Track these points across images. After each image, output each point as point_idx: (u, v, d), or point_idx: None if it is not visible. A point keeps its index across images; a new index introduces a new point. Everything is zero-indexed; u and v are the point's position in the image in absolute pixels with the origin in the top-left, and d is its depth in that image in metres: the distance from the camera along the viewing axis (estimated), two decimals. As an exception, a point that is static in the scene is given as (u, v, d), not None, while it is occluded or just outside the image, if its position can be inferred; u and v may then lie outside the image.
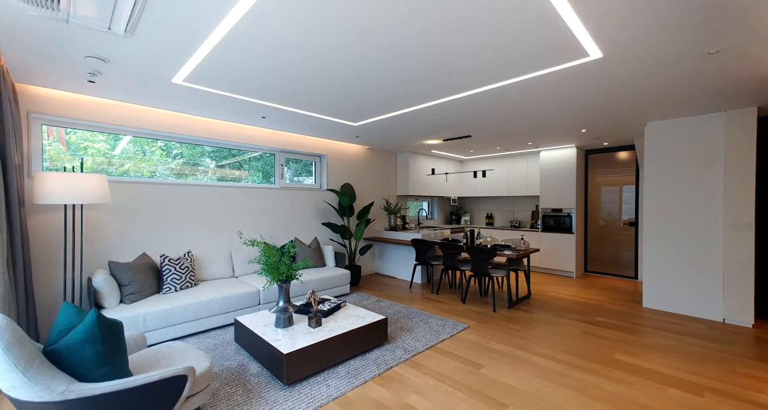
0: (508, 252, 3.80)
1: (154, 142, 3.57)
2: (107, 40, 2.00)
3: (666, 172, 3.78)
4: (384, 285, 4.88)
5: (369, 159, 5.68)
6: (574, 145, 5.35)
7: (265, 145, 4.31)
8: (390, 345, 2.75)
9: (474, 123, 3.89)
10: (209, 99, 3.05)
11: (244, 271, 3.87)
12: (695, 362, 2.53)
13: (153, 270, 3.10)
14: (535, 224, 6.13)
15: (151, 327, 2.67)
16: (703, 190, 3.54)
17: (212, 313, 3.02)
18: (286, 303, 2.53)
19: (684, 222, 3.66)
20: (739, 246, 3.34)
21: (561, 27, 1.79)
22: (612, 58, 2.15)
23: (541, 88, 2.71)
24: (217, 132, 3.85)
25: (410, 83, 2.63)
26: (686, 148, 3.65)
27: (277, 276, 2.42)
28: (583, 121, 3.81)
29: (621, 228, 5.41)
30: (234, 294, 3.17)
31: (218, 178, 4.03)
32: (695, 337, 3.00)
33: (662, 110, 3.39)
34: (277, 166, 4.61)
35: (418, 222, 6.29)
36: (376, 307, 3.77)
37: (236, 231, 4.03)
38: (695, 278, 3.59)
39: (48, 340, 1.46)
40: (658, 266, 3.82)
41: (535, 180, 6.03)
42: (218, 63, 2.28)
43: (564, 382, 2.22)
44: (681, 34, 1.85)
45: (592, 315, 3.58)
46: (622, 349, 2.73)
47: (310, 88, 2.78)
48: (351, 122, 3.93)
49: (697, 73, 2.41)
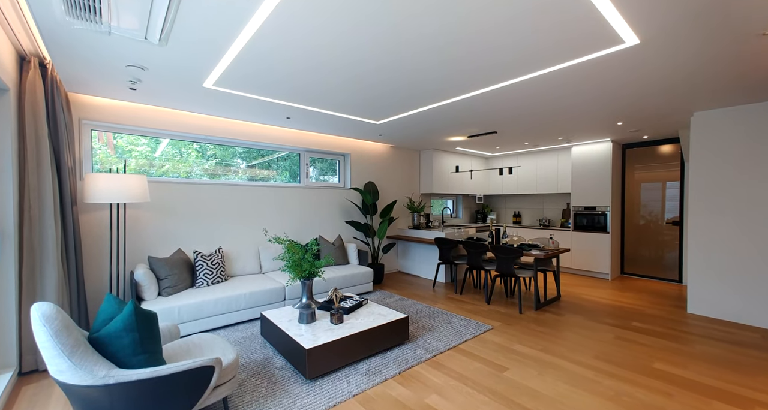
0: (536, 251, 3.66)
1: (190, 144, 3.78)
2: (144, 50, 2.13)
3: (715, 167, 3.46)
4: (407, 283, 4.87)
5: (392, 157, 5.67)
6: (609, 139, 5.04)
7: (291, 145, 4.43)
8: (411, 345, 2.74)
9: (500, 118, 3.77)
10: (237, 101, 3.17)
11: (270, 268, 4.00)
12: (746, 374, 2.31)
13: (187, 265, 3.29)
14: (566, 223, 5.85)
15: (185, 319, 2.83)
16: (756, 190, 3.21)
17: (240, 308, 3.16)
18: (308, 299, 2.60)
19: (736, 223, 3.34)
20: (803, 248, 3.00)
21: (592, 12, 1.69)
22: (650, 45, 2.00)
23: (572, 80, 2.57)
24: (245, 133, 4.01)
25: (434, 80, 2.60)
26: (739, 139, 3.32)
27: (300, 272, 2.49)
28: (620, 113, 3.57)
29: (663, 227, 5.04)
30: (260, 289, 3.29)
31: (248, 177, 4.20)
32: (747, 347, 2.74)
33: (710, 99, 3.10)
34: (302, 165, 4.72)
35: (443, 221, 6.21)
36: (398, 306, 3.77)
37: (264, 227, 4.18)
38: (748, 283, 3.27)
39: (92, 328, 1.59)
40: (705, 269, 3.52)
41: (566, 177, 5.75)
42: (245, 66, 2.37)
43: (595, 389, 2.10)
44: (731, 13, 1.68)
45: (629, 319, 3.37)
46: (662, 357, 2.54)
47: (334, 88, 2.82)
48: (374, 121, 3.95)
49: (749, 56, 2.18)
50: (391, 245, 4.98)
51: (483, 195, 7.05)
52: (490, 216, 7.06)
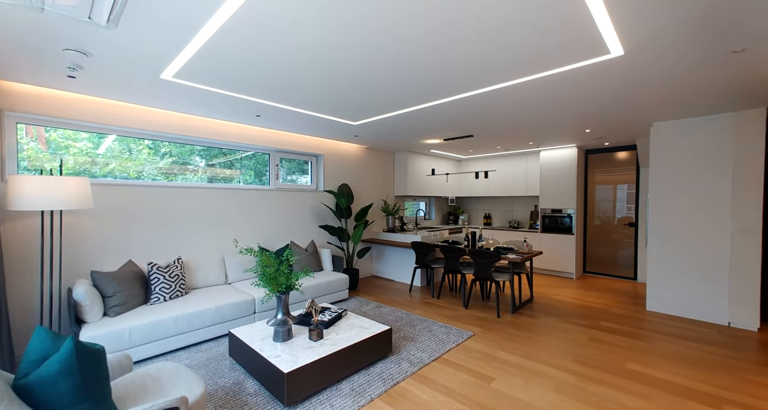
0: (512, 255, 3.70)
1: (141, 140, 3.36)
2: (88, 32, 1.80)
3: (672, 173, 3.72)
4: (383, 288, 4.75)
5: (367, 158, 5.52)
6: (575, 145, 5.28)
7: (260, 145, 4.12)
8: (395, 357, 2.62)
9: (478, 122, 3.77)
10: (201, 96, 2.85)
11: (237, 277, 3.69)
12: (707, 370, 2.46)
13: (140, 279, 2.91)
14: (534, 224, 6.07)
15: (138, 343, 2.48)
16: (710, 193, 3.49)
17: (204, 325, 2.85)
18: (285, 315, 2.38)
19: (690, 225, 3.61)
20: (746, 250, 3.30)
21: (587, 21, 1.66)
22: (632, 57, 2.04)
23: (552, 87, 2.59)
24: (208, 130, 3.65)
25: (415, 84, 2.49)
26: (692, 149, 3.59)
27: (276, 287, 2.26)
28: (589, 121, 3.72)
29: (620, 228, 5.38)
30: (228, 303, 3.00)
31: (209, 177, 3.83)
32: (703, 343, 2.95)
33: (668, 111, 3.31)
34: (272, 166, 4.43)
35: (416, 223, 6.17)
36: (376, 314, 3.64)
37: (229, 235, 3.84)
38: (700, 281, 3.54)
39: (19, 372, 1.29)
40: (662, 269, 3.77)
41: (535, 180, 5.96)
42: (212, 58, 2.10)
43: (580, 397, 2.12)
44: (708, 29, 1.75)
45: (597, 319, 3.51)
46: (633, 357, 2.65)
47: (312, 87, 2.62)
48: (351, 121, 3.77)
49: (718, 73, 2.32)
50: (367, 249, 4.83)
51: (455, 197, 7.12)
52: (461, 217, 7.15)
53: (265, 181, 4.38)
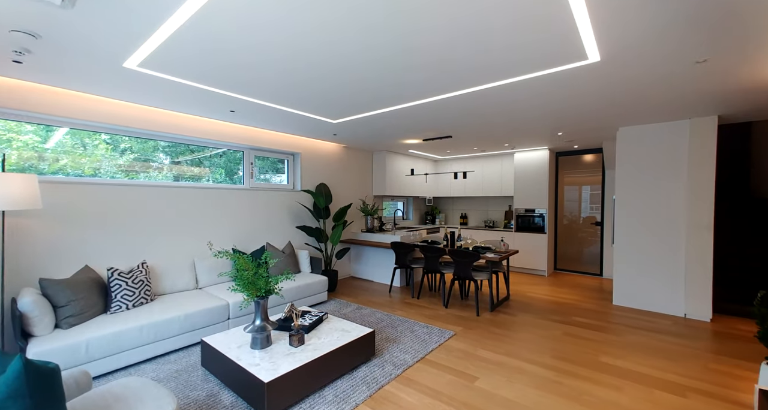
0: (491, 254, 3.77)
1: (98, 134, 3.08)
2: (38, 11, 1.60)
3: (635, 175, 3.95)
4: (362, 289, 4.69)
5: (345, 158, 5.43)
6: (547, 147, 5.49)
7: (233, 142, 3.91)
8: (378, 360, 2.57)
9: (457, 123, 3.80)
10: (170, 88, 2.65)
11: (209, 281, 3.48)
12: (671, 360, 2.63)
13: (98, 286, 2.66)
14: (509, 224, 6.25)
15: (97, 356, 2.26)
16: (669, 193, 3.74)
17: (173, 334, 2.65)
18: (263, 321, 2.26)
19: (651, 224, 3.85)
20: (699, 246, 3.57)
21: (569, 27, 1.70)
22: (608, 63, 2.13)
23: (531, 91, 2.66)
24: (176, 125, 3.41)
25: (399, 84, 2.45)
26: (654, 152, 3.84)
27: (254, 292, 2.14)
28: (563, 124, 3.87)
29: (586, 227, 5.66)
30: (199, 309, 2.81)
31: (174, 175, 3.59)
32: (665, 334, 3.15)
33: (633, 116, 3.51)
34: (246, 164, 4.23)
35: (395, 223, 6.15)
36: (357, 316, 3.57)
37: (200, 236, 3.62)
38: (661, 276, 3.79)
39: (-48, 399, 1.11)
40: (627, 265, 4.00)
41: (509, 181, 6.13)
42: (185, 47, 1.95)
43: (560, 391, 2.18)
44: (680, 38, 1.85)
45: (570, 315, 3.66)
46: (604, 351, 2.77)
47: (293, 85, 2.51)
48: (330, 119, 3.68)
49: (683, 82, 2.47)
50: (345, 250, 4.75)
51: (432, 197, 7.19)
52: (438, 217, 7.23)
53: (237, 179, 4.18)
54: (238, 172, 4.18)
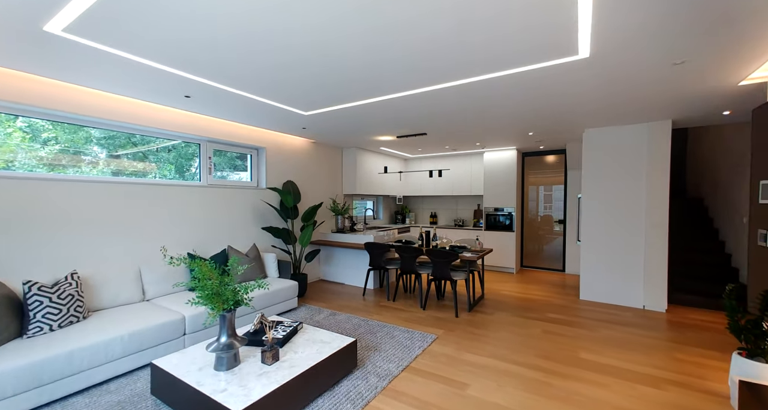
0: (469, 253, 3.72)
1: (11, 119, 2.53)
2: None
3: (600, 175, 4.13)
4: (333, 293, 4.43)
5: (313, 154, 5.12)
6: (515, 148, 5.62)
7: (188, 133, 3.46)
8: (360, 372, 2.36)
9: (432, 120, 3.70)
10: (106, 62, 2.21)
11: (159, 292, 3.03)
12: (641, 352, 2.72)
13: (11, 304, 2.15)
14: (478, 223, 6.33)
15: (10, 393, 1.80)
16: (630, 193, 3.95)
17: (114, 357, 2.22)
18: (230, 337, 1.95)
19: (614, 222, 4.05)
20: (656, 242, 3.81)
21: (567, 19, 1.63)
22: (596, 59, 2.11)
23: (512, 88, 2.61)
24: (115, 111, 2.92)
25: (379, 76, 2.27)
26: (617, 154, 4.03)
27: (220, 304, 1.83)
28: (535, 124, 3.93)
29: (550, 225, 5.90)
30: (147, 326, 2.40)
31: (113, 171, 3.08)
32: (630, 326, 3.29)
33: (599, 118, 3.65)
34: (204, 158, 3.79)
35: (365, 223, 5.95)
36: (332, 323, 3.32)
37: (148, 240, 3.15)
38: (623, 271, 4.00)
39: None
40: (593, 261, 4.17)
41: (478, 180, 6.21)
42: (125, 11, 1.59)
43: (550, 393, 2.13)
44: (666, 38, 1.87)
45: (543, 311, 3.72)
46: (582, 347, 2.82)
47: (265, 68, 2.21)
48: (302, 111, 3.38)
49: (656, 83, 2.55)
50: (316, 252, 4.46)
51: (402, 196, 7.09)
52: (408, 217, 7.15)
53: (189, 176, 3.71)
54: (191, 169, 3.71)
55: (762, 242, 2.25)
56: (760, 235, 2.28)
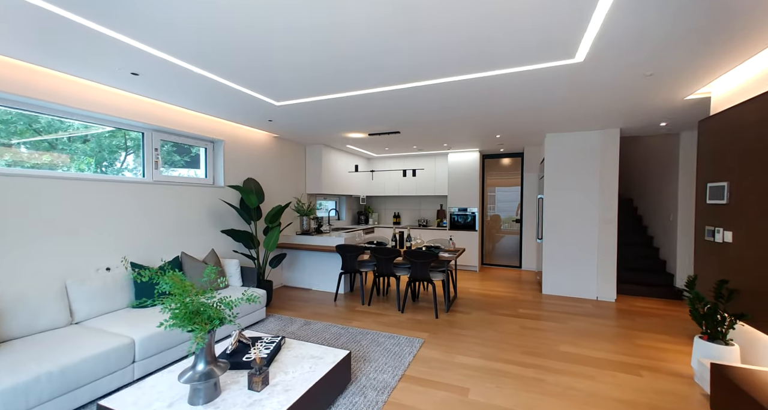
0: (447, 254, 3.71)
1: None
2: None
3: (559, 176, 4.44)
4: (302, 301, 4.11)
5: (276, 150, 4.71)
6: (478, 150, 5.81)
7: (128, 118, 2.90)
8: (355, 387, 2.16)
9: (409, 119, 3.63)
10: (24, 17, 1.71)
11: (93, 312, 2.48)
12: (609, 341, 2.94)
13: None
14: (441, 222, 6.44)
15: None
16: (586, 192, 4.31)
17: (39, 401, 1.72)
18: (210, 363, 1.61)
19: (572, 220, 4.38)
20: (607, 238, 4.20)
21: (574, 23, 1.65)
22: (588, 64, 2.20)
23: (489, 89, 2.64)
24: (31, 87, 2.32)
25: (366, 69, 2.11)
26: (573, 157, 4.37)
27: (204, 325, 1.49)
28: (504, 128, 4.07)
29: (509, 224, 6.23)
30: (82, 357, 1.91)
31: (7, 163, 2.41)
32: (593, 316, 3.57)
33: (561, 124, 3.92)
34: (149, 150, 3.23)
35: (329, 224, 5.67)
36: (308, 333, 3.04)
37: (76, 248, 2.56)
38: (579, 265, 4.34)
39: None
40: (554, 258, 4.46)
41: (442, 180, 6.31)
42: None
43: (546, 390, 2.17)
44: (647, 48, 2.00)
45: (515, 307, 3.86)
46: (561, 339, 2.95)
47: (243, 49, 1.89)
48: (274, 101, 3.05)
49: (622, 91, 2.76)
50: (282, 256, 4.09)
51: (366, 196, 6.93)
52: (371, 217, 7.01)
53: (114, 171, 3.08)
54: (115, 163, 3.04)
55: (709, 237, 2.56)
56: (707, 231, 2.59)
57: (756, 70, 2.15)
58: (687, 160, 4.30)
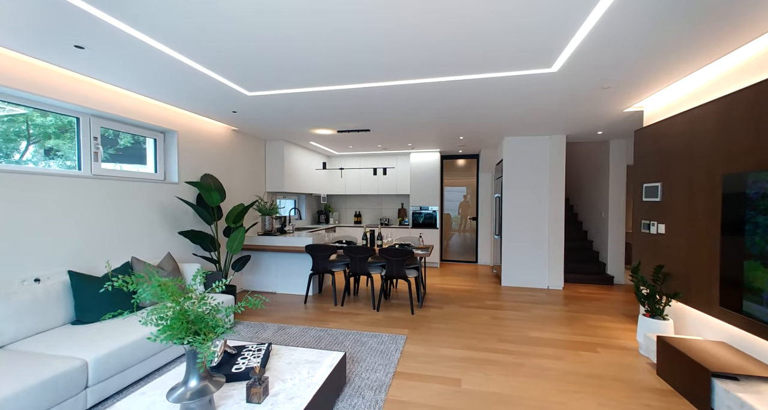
0: (421, 251, 3.80)
1: None
2: None
3: (516, 177, 4.82)
4: (269, 305, 3.87)
5: (234, 144, 4.37)
6: (438, 150, 6.04)
7: (59, 99, 2.44)
8: (351, 389, 2.10)
9: (382, 117, 3.64)
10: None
11: (22, 332, 2.06)
12: (567, 325, 3.29)
13: None
14: (403, 221, 6.56)
15: None
16: (538, 193, 4.75)
17: (-29, 446, 1.37)
18: (204, 378, 1.43)
19: (527, 218, 4.79)
20: (555, 234, 4.68)
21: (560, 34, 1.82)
22: (561, 74, 2.43)
23: (474, 91, 2.78)
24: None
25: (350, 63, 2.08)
26: (527, 159, 4.78)
27: (207, 334, 1.31)
28: (471, 129, 4.30)
29: (466, 222, 6.59)
30: (23, 387, 1.57)
31: None
32: (548, 304, 3.95)
33: (519, 129, 4.27)
34: (86, 139, 2.76)
35: (290, 223, 5.42)
36: (285, 338, 2.88)
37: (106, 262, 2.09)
38: (533, 259, 4.76)
39: None
40: (511, 252, 4.84)
41: (404, 179, 6.43)
42: None
43: (528, 373, 2.34)
44: (612, 63, 2.28)
45: (481, 300, 4.10)
46: (529, 327, 3.21)
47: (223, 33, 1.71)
48: (245, 90, 2.82)
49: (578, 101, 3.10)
50: (246, 259, 3.81)
51: (327, 195, 6.76)
52: (332, 216, 6.87)
53: (20, 162, 2.61)
54: (13, 154, 2.42)
55: (645, 230, 3.00)
56: (643, 224, 3.04)
57: (684, 90, 2.58)
58: (616, 165, 4.99)
